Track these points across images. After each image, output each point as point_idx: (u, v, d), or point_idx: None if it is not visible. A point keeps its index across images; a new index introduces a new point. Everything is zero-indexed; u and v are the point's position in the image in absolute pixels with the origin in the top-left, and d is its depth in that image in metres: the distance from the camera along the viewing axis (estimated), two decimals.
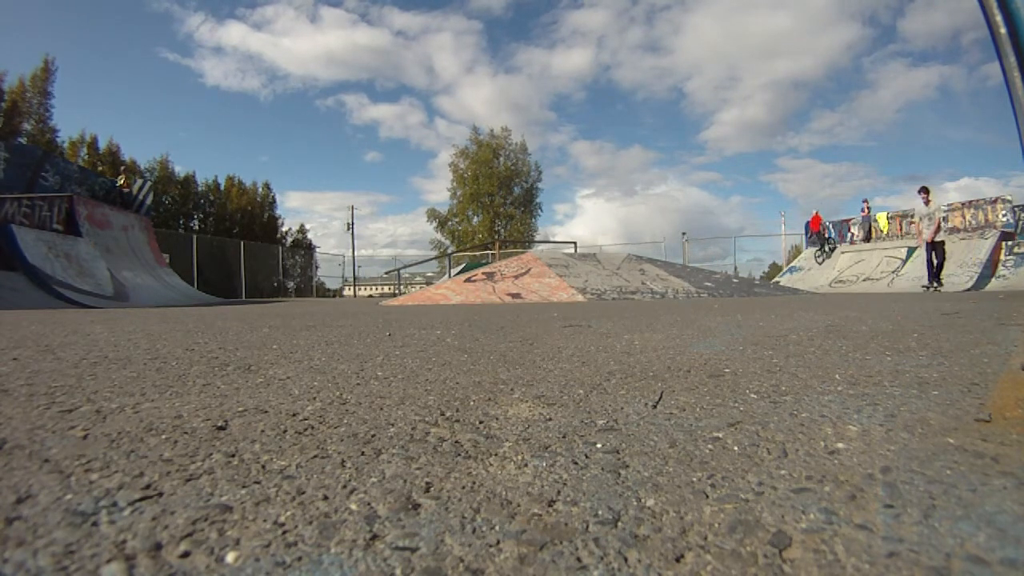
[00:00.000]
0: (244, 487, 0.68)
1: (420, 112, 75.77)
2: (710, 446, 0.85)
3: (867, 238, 18.53)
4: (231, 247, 23.94)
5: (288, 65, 72.88)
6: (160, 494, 0.66)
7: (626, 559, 0.50)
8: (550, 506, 0.63)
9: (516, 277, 10.78)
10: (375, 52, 69.19)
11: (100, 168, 23.34)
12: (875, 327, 2.88)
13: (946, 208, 16.17)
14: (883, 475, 0.71)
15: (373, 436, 0.92)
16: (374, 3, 67.97)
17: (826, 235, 19.10)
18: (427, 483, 0.70)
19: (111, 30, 58.12)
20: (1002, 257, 13.73)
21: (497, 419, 1.04)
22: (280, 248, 29.47)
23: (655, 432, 0.94)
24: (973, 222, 15.53)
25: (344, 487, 0.69)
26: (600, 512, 0.61)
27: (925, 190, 11.45)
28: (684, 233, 22.71)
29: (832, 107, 70.18)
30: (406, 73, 66.95)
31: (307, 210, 69.82)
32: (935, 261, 11.57)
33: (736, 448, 0.84)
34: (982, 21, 1.31)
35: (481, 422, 1.02)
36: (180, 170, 32.47)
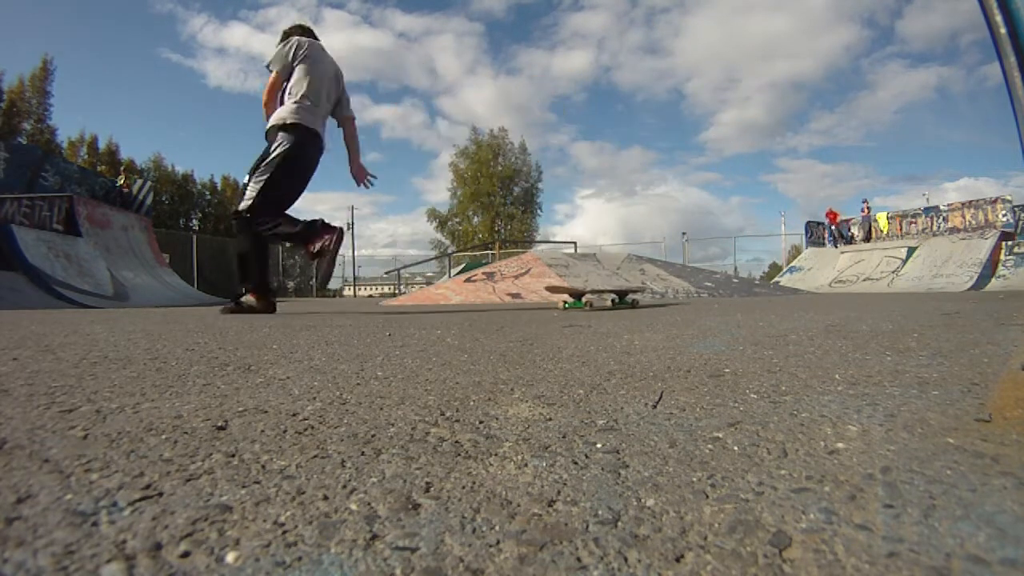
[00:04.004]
0: (244, 487, 0.68)
1: (422, 113, 76.09)
2: (710, 446, 0.85)
3: (867, 238, 18.53)
4: (231, 247, 23.94)
5: None
6: (160, 494, 0.66)
7: (626, 559, 0.50)
8: (550, 506, 0.63)
9: (516, 277, 10.77)
10: (377, 53, 69.44)
11: (100, 168, 23.29)
12: (875, 327, 2.88)
13: (946, 207, 16.17)
14: (883, 475, 0.71)
15: (373, 436, 0.92)
16: (376, 5, 68.21)
17: (840, 229, 19.16)
18: (427, 483, 0.70)
19: (115, 31, 58.23)
20: (1002, 257, 13.74)
21: (497, 419, 1.04)
22: (280, 248, 29.42)
23: (655, 432, 0.94)
24: (973, 222, 15.53)
25: (344, 487, 0.69)
26: (600, 512, 0.61)
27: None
28: (684, 233, 22.71)
29: (831, 108, 70.34)
30: (408, 74, 67.25)
31: (309, 211, 70.04)
32: None
33: (736, 448, 0.84)
34: (980, 22, 1.31)
35: (481, 422, 1.02)
36: (179, 169, 32.49)
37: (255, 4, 69.30)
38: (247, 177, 4.54)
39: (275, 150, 4.43)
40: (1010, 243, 13.85)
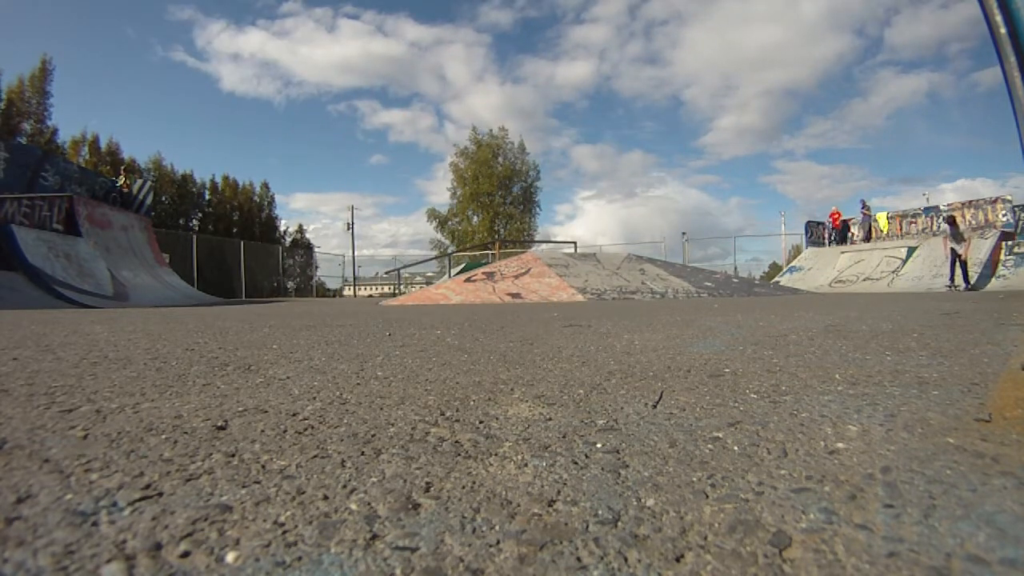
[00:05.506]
0: (244, 487, 0.68)
1: (430, 117, 76.96)
2: (710, 446, 0.85)
3: (867, 238, 18.53)
4: (231, 247, 23.92)
5: (304, 72, 74.14)
6: (160, 494, 0.66)
7: (626, 559, 0.50)
8: (550, 506, 0.63)
9: (516, 277, 10.78)
10: (390, 61, 70.31)
11: (103, 168, 23.24)
12: (875, 327, 2.88)
13: (946, 207, 16.24)
14: (883, 475, 0.71)
15: (373, 436, 0.92)
16: (390, 15, 69.41)
17: (843, 229, 19.15)
18: (427, 483, 0.70)
19: (130, 35, 58.33)
20: (1002, 257, 13.72)
21: (497, 419, 1.04)
22: (280, 248, 29.43)
23: (655, 432, 0.94)
24: (973, 222, 15.51)
25: (344, 487, 0.69)
26: (600, 512, 0.61)
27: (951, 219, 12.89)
28: (684, 233, 22.69)
29: (825, 114, 70.79)
30: (419, 81, 67.86)
31: (313, 211, 70.29)
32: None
33: (736, 448, 0.84)
34: (968, 31, 1.31)
35: (481, 422, 1.02)
36: (179, 169, 32.44)
37: (272, 14, 70.55)
38: None
39: None
40: (1010, 243, 13.85)
